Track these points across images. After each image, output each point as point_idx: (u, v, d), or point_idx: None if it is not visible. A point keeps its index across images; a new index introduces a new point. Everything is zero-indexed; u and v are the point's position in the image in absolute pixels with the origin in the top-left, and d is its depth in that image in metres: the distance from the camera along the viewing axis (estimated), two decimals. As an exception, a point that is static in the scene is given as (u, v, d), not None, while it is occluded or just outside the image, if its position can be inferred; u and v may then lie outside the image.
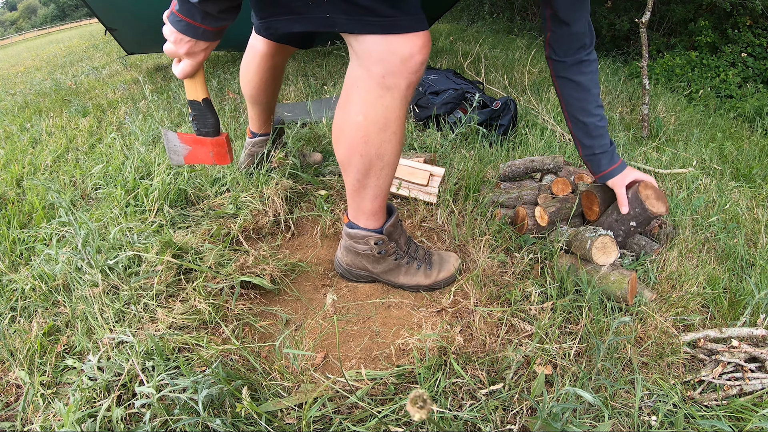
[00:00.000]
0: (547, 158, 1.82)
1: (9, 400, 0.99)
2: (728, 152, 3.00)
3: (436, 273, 1.29)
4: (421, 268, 1.29)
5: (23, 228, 1.50)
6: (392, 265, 1.27)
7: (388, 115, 1.01)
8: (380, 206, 1.19)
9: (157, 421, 0.88)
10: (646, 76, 3.04)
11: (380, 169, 1.10)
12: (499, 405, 0.98)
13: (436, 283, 1.29)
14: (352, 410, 0.97)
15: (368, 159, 1.07)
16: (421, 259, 1.30)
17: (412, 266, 1.28)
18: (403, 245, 1.28)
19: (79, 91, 3.27)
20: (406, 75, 0.95)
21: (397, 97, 0.98)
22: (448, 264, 1.32)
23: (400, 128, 1.05)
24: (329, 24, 0.95)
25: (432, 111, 2.42)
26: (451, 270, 1.31)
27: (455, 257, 1.35)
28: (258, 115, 1.65)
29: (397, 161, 1.12)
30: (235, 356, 1.08)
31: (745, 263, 1.62)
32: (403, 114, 1.04)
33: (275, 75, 1.56)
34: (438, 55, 4.24)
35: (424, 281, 1.28)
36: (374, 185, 1.13)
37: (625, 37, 6.59)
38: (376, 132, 1.03)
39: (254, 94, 1.57)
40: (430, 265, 1.30)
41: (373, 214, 1.19)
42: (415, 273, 1.28)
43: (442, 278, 1.29)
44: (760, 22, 5.71)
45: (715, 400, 1.07)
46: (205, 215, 1.55)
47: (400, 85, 0.96)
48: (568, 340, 1.16)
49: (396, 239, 1.26)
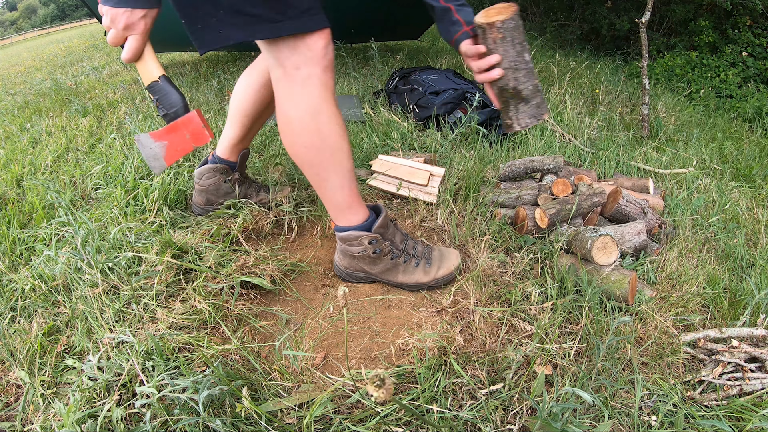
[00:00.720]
0: (547, 158, 1.82)
1: (9, 400, 0.99)
2: (728, 152, 3.00)
3: (435, 270, 1.27)
4: (420, 265, 1.27)
5: (23, 228, 1.50)
6: (389, 265, 1.26)
7: (315, 102, 1.05)
8: (351, 197, 1.17)
9: (157, 421, 0.88)
10: (646, 76, 3.04)
11: (331, 155, 1.10)
12: (499, 405, 0.98)
13: (435, 281, 1.27)
14: (352, 410, 0.97)
15: (313, 148, 1.09)
16: (420, 255, 1.28)
17: (410, 264, 1.27)
18: (399, 243, 1.27)
19: (79, 91, 3.27)
20: (319, 60, 1.02)
21: (317, 83, 1.03)
22: (448, 261, 1.29)
23: (332, 112, 1.07)
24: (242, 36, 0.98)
25: (432, 111, 2.42)
26: (450, 267, 1.29)
27: (456, 254, 1.32)
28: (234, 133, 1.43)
29: (345, 145, 1.11)
30: (235, 356, 1.08)
31: (745, 263, 1.62)
32: (330, 98, 1.07)
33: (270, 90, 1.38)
34: (438, 55, 4.24)
35: (424, 278, 1.27)
36: (333, 174, 1.12)
37: (625, 37, 6.59)
38: (309, 120, 1.06)
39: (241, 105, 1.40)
40: (429, 261, 1.28)
41: (349, 207, 1.18)
42: (413, 271, 1.27)
43: (442, 276, 1.27)
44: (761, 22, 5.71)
45: (715, 400, 1.07)
46: (205, 215, 1.55)
47: (317, 72, 1.03)
48: (568, 340, 1.16)
49: (390, 238, 1.25)
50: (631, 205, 1.60)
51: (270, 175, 1.75)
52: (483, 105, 2.39)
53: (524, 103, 1.11)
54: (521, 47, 1.07)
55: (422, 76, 2.73)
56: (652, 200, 1.78)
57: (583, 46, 6.58)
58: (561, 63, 4.56)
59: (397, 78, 2.84)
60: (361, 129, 2.34)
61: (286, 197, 1.60)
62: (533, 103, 1.11)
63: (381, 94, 2.88)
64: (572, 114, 2.75)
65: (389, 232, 1.24)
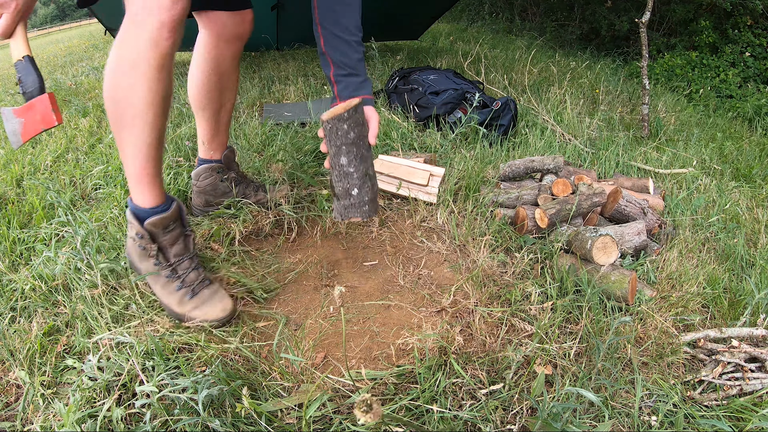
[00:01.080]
0: (547, 158, 1.82)
1: (9, 400, 0.99)
2: (728, 152, 3.00)
3: (191, 306, 1.11)
4: (180, 292, 1.11)
5: (23, 228, 1.50)
6: (153, 269, 1.12)
7: (136, 55, 0.94)
8: (142, 174, 1.05)
9: (157, 421, 0.88)
10: (646, 76, 3.04)
11: (132, 118, 0.99)
12: (499, 405, 0.98)
13: (186, 317, 1.11)
14: (353, 410, 0.97)
15: (117, 104, 0.99)
16: (187, 283, 1.12)
17: (172, 284, 1.11)
18: (173, 257, 1.12)
19: (79, 91, 3.27)
20: (156, 12, 0.91)
21: (146, 37, 0.93)
22: (211, 307, 1.12)
23: (152, 72, 0.95)
24: None
25: (432, 111, 2.42)
26: (208, 316, 1.11)
27: (227, 306, 1.13)
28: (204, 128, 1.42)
29: (151, 116, 0.99)
30: (235, 356, 1.08)
31: (745, 263, 1.62)
32: (157, 58, 0.95)
33: (219, 70, 1.36)
34: (438, 55, 4.24)
35: (176, 308, 1.11)
36: (128, 139, 1.01)
37: (625, 37, 6.59)
38: (123, 72, 0.96)
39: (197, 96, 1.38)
40: (192, 295, 1.12)
41: (137, 182, 1.06)
42: (172, 293, 1.11)
43: (195, 316, 1.10)
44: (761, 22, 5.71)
45: (715, 400, 1.07)
46: (205, 215, 1.55)
47: (151, 23, 0.92)
48: (568, 340, 1.16)
49: (164, 244, 1.10)
50: (631, 205, 1.60)
51: (270, 174, 1.75)
52: (483, 105, 2.39)
53: (336, 199, 1.15)
54: (337, 149, 1.08)
55: (422, 76, 2.73)
56: (652, 200, 1.78)
57: (583, 46, 6.58)
58: (561, 63, 4.56)
59: (397, 78, 2.84)
60: (361, 129, 2.33)
61: (284, 196, 1.59)
62: (342, 203, 1.14)
63: (381, 94, 2.89)
64: (572, 114, 2.75)
65: (167, 238, 1.10)
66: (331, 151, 1.09)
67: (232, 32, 1.33)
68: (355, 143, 1.08)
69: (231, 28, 1.32)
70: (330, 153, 1.09)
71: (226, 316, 1.12)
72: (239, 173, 1.55)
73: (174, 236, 1.11)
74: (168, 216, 1.08)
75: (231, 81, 1.41)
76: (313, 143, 2.09)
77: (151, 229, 1.08)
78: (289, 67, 3.67)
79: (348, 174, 1.10)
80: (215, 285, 1.16)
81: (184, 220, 1.15)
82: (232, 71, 1.39)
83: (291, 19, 3.75)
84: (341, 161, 1.09)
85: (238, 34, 1.35)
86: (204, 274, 1.16)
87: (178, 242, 1.12)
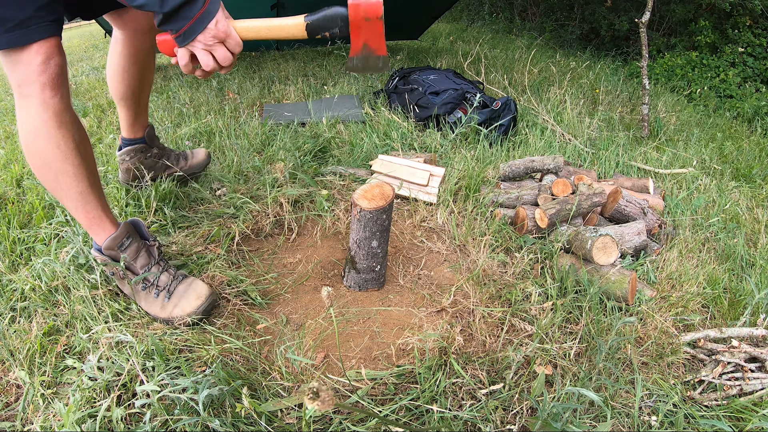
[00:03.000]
0: (547, 158, 1.82)
1: (9, 400, 0.99)
2: (728, 152, 3.00)
3: (172, 306, 1.13)
4: (159, 298, 1.14)
5: (23, 228, 1.50)
6: (130, 291, 1.16)
7: (34, 123, 1.00)
8: (89, 219, 1.11)
9: (157, 421, 0.88)
10: (646, 76, 3.04)
11: (55, 179, 1.05)
12: (499, 405, 0.98)
13: (171, 319, 1.13)
14: (352, 410, 0.97)
15: (40, 170, 1.05)
16: (162, 286, 1.15)
17: (150, 294, 1.15)
18: (139, 269, 1.15)
19: (79, 91, 3.26)
20: (34, 79, 0.96)
21: (36, 104, 0.98)
22: (186, 299, 1.14)
23: (53, 131, 1.01)
24: None
25: (432, 111, 2.42)
26: (186, 309, 1.13)
27: (203, 292, 1.15)
28: (126, 111, 1.50)
29: (69, 168, 1.05)
30: (236, 356, 1.08)
31: (745, 263, 1.62)
32: (53, 117, 1.00)
33: (136, 60, 1.40)
34: (438, 55, 4.24)
35: (160, 313, 1.14)
36: (64, 197, 1.08)
37: (625, 37, 6.59)
38: (31, 143, 1.02)
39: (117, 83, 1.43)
40: (169, 295, 1.14)
41: (89, 227, 1.13)
42: (153, 301, 1.14)
43: (177, 315, 1.12)
44: (760, 22, 5.71)
45: (715, 400, 1.07)
46: (205, 216, 1.55)
47: (34, 91, 0.97)
48: (568, 340, 1.16)
49: (127, 262, 1.15)
50: (631, 205, 1.60)
51: (271, 173, 1.75)
52: (483, 105, 2.39)
53: (356, 272, 1.27)
54: (371, 234, 1.18)
55: (422, 76, 2.73)
56: (652, 200, 1.78)
57: (583, 46, 6.58)
58: (561, 63, 4.56)
59: (397, 78, 2.84)
60: (361, 129, 2.34)
61: (202, 160, 1.72)
62: (362, 276, 1.27)
63: (381, 94, 2.89)
64: (572, 114, 2.75)
65: (127, 254, 1.15)
66: (362, 235, 1.19)
67: (147, 23, 1.36)
68: (388, 228, 1.20)
69: (145, 20, 1.35)
70: (361, 236, 1.19)
71: (203, 302, 1.14)
72: (160, 146, 1.65)
73: (133, 250, 1.15)
74: (118, 235, 1.13)
75: (148, 70, 1.46)
76: (313, 143, 2.09)
77: (109, 253, 1.13)
78: (289, 67, 3.67)
79: (376, 254, 1.23)
80: (189, 278, 1.19)
81: (143, 234, 1.19)
82: (148, 60, 1.44)
83: (291, 19, 3.75)
84: (372, 244, 1.20)
85: (153, 24, 1.33)
86: (175, 273, 1.18)
87: (141, 255, 1.16)
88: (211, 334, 1.11)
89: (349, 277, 1.30)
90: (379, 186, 1.18)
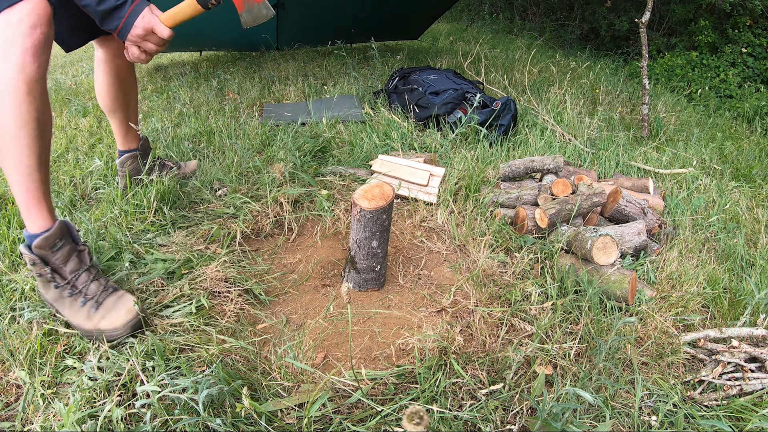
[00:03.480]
0: (547, 158, 1.82)
1: (9, 400, 0.99)
2: (728, 152, 3.00)
3: (99, 318, 1.07)
4: (86, 307, 1.08)
5: (23, 228, 1.50)
6: (56, 295, 1.09)
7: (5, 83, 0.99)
8: (28, 199, 1.06)
9: (158, 421, 0.88)
10: (646, 76, 3.04)
11: (8, 142, 1.01)
12: (499, 405, 0.98)
13: (97, 332, 1.07)
14: (352, 410, 0.97)
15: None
16: (90, 295, 1.09)
17: (76, 302, 1.08)
18: (69, 273, 1.09)
19: (79, 91, 3.26)
20: (20, 40, 0.98)
21: (13, 63, 0.99)
22: (116, 312, 1.08)
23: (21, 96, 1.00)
24: None
25: (432, 111, 2.42)
26: (115, 323, 1.07)
27: (128, 311, 1.09)
28: (117, 126, 1.61)
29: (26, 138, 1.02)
30: (236, 356, 1.08)
31: (745, 263, 1.62)
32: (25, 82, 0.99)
33: (119, 78, 1.52)
34: (438, 55, 4.24)
35: (85, 324, 1.08)
36: (11, 165, 1.03)
37: (625, 37, 6.59)
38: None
39: (106, 101, 1.55)
40: (97, 306, 1.09)
41: (26, 206, 1.06)
42: (79, 310, 1.09)
43: (104, 328, 1.06)
44: (760, 22, 5.71)
45: (715, 400, 1.07)
46: (205, 216, 1.55)
47: (15, 52, 0.99)
48: (568, 340, 1.16)
49: (57, 264, 1.08)
50: (631, 205, 1.60)
51: (271, 173, 1.75)
52: (483, 105, 2.39)
53: (356, 272, 1.28)
54: (371, 234, 1.19)
55: (422, 76, 2.73)
56: (652, 200, 1.78)
57: (583, 46, 6.58)
58: (561, 63, 4.56)
59: (397, 78, 2.84)
60: (361, 129, 2.34)
61: (193, 171, 1.83)
62: (362, 276, 1.28)
63: (381, 94, 2.88)
64: (572, 114, 2.75)
65: (58, 257, 1.08)
66: (363, 235, 1.19)
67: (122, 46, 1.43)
68: (388, 228, 1.20)
69: (121, 44, 1.44)
70: (361, 236, 1.20)
71: (133, 318, 1.08)
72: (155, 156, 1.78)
73: (64, 253, 1.09)
74: (51, 234, 1.07)
75: (131, 84, 1.60)
76: (313, 143, 2.09)
77: (39, 253, 1.07)
78: (289, 67, 3.67)
79: (376, 254, 1.23)
80: (119, 291, 1.13)
81: (75, 237, 1.13)
82: (130, 76, 1.58)
83: (291, 19, 3.75)
84: (372, 244, 1.21)
85: None
86: (106, 283, 1.13)
87: (72, 259, 1.10)
88: (212, 333, 1.11)
89: (350, 277, 1.30)
90: (379, 186, 1.19)
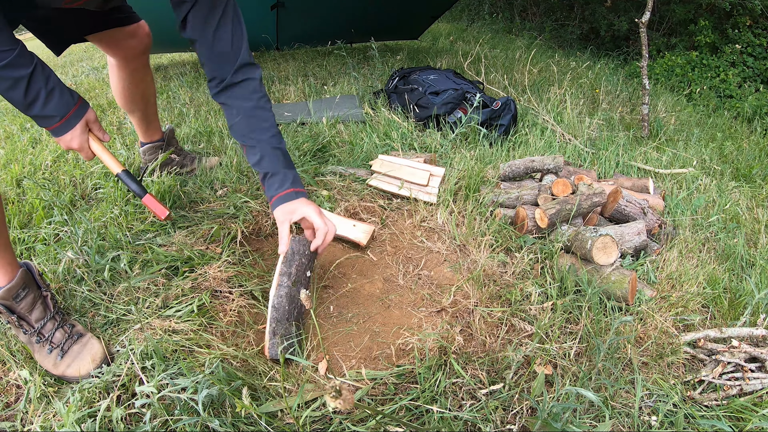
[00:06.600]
0: (547, 158, 1.82)
1: (9, 400, 0.99)
2: (728, 152, 3.00)
3: (65, 366, 1.06)
4: (52, 355, 1.07)
5: (23, 228, 1.50)
6: (27, 339, 1.09)
7: None
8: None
9: (157, 421, 0.88)
10: (646, 76, 3.04)
11: None
12: (499, 405, 0.98)
13: (63, 377, 1.06)
14: (352, 410, 0.97)
15: None
16: (56, 344, 1.08)
17: (44, 349, 1.08)
18: (35, 321, 1.08)
19: (79, 91, 3.27)
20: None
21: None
22: (81, 361, 1.07)
23: None
24: None
25: (432, 111, 2.42)
26: (81, 371, 1.05)
27: (98, 355, 1.08)
28: (137, 123, 1.70)
29: None
30: (236, 357, 1.08)
31: (745, 263, 1.62)
32: None
33: (135, 81, 1.57)
34: (438, 55, 4.24)
35: (53, 370, 1.07)
36: None
37: (625, 37, 6.59)
38: None
39: (123, 102, 1.62)
40: (62, 354, 1.07)
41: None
42: (45, 357, 1.08)
43: (70, 375, 1.05)
44: (760, 22, 5.71)
45: (715, 400, 1.07)
46: (205, 216, 1.55)
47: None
48: (568, 340, 1.16)
49: (22, 312, 1.07)
50: (631, 205, 1.60)
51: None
52: (483, 105, 2.39)
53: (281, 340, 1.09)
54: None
55: (422, 76, 2.73)
56: (652, 200, 1.78)
57: (583, 46, 6.58)
58: (561, 63, 4.56)
59: (397, 78, 2.84)
60: (361, 129, 2.34)
61: (213, 166, 1.87)
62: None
63: (381, 94, 2.88)
64: (572, 114, 2.75)
65: (22, 306, 1.07)
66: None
67: (134, 51, 1.52)
68: None
69: (132, 49, 1.51)
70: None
71: (97, 366, 1.07)
72: (178, 147, 1.85)
73: (29, 302, 1.08)
74: (12, 286, 1.05)
75: (147, 82, 1.63)
76: (313, 143, 2.09)
77: (4, 303, 1.06)
78: (289, 67, 3.67)
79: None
80: (85, 337, 1.12)
81: (38, 282, 1.11)
82: (145, 75, 1.60)
83: (291, 18, 3.75)
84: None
85: (142, 49, 1.53)
86: (71, 330, 1.12)
87: (36, 307, 1.09)
88: (210, 334, 1.11)
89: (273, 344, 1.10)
90: None
